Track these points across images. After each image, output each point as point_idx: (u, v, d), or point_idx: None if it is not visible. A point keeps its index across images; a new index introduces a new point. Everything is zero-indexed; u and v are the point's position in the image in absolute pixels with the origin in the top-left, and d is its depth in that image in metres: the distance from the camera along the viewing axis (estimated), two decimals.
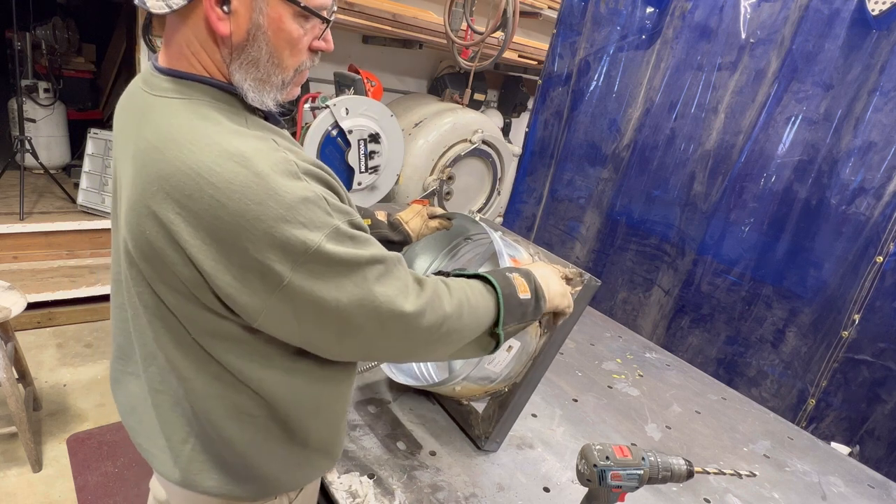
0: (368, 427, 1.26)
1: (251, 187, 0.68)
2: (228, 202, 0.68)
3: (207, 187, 0.68)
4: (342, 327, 0.77)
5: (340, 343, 0.80)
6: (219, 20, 0.75)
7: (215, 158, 0.70)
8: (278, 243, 0.69)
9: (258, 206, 0.68)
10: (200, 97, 0.78)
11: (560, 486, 1.19)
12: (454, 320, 0.87)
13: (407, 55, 4.38)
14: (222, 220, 0.69)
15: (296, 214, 0.69)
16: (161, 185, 0.71)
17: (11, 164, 3.63)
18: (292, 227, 0.69)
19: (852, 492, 1.40)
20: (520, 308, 0.98)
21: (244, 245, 0.69)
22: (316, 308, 0.74)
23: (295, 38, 0.80)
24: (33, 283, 3.18)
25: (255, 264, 0.70)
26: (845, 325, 1.90)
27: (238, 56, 0.78)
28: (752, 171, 2.19)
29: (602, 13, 2.68)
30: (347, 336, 0.79)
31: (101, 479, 2.25)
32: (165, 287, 0.77)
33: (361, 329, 0.78)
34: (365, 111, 3.04)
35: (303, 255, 0.70)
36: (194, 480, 0.88)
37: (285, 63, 0.81)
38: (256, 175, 0.69)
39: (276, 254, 0.69)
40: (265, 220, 0.68)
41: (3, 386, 2.07)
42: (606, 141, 2.72)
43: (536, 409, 1.46)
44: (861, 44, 1.93)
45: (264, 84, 0.81)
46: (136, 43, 3.39)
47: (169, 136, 0.73)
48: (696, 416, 1.61)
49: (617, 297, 2.68)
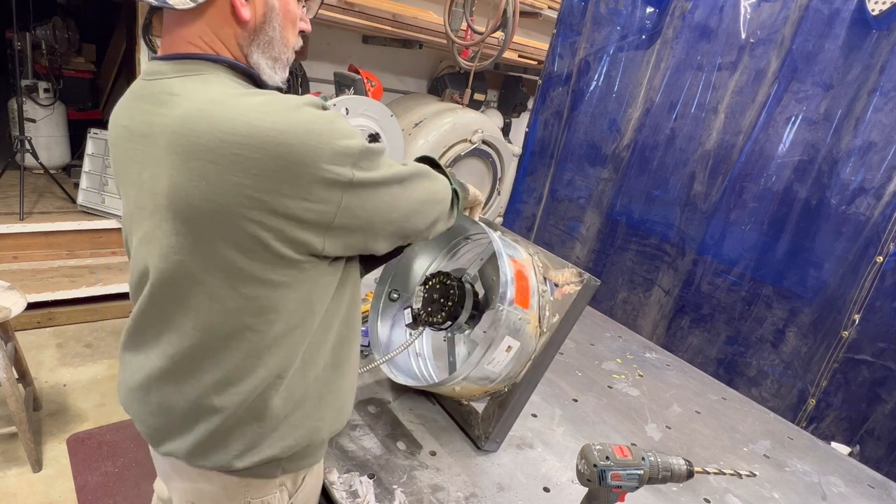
0: (368, 427, 1.26)
1: (309, 125, 0.76)
2: (296, 142, 0.74)
3: (261, 125, 0.74)
4: (404, 186, 0.90)
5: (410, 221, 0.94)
6: (241, 6, 0.83)
7: (256, 106, 0.76)
8: (337, 154, 0.77)
9: (318, 136, 0.76)
10: (215, 72, 0.84)
11: (560, 486, 1.19)
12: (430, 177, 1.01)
13: (407, 55, 4.38)
14: (280, 151, 0.74)
15: (339, 130, 0.78)
16: (213, 137, 0.74)
17: (11, 164, 3.63)
18: (342, 140, 0.78)
19: (852, 492, 1.40)
20: (460, 185, 1.15)
21: (307, 166, 0.76)
22: (381, 186, 0.85)
23: (296, 18, 0.91)
24: (33, 283, 3.18)
25: (319, 177, 0.77)
26: (845, 325, 1.90)
27: (257, 37, 0.87)
28: (752, 171, 2.19)
29: (602, 13, 2.68)
30: (412, 190, 0.92)
31: (101, 479, 2.25)
32: (224, 243, 0.78)
33: (416, 183, 0.93)
34: (365, 111, 3.04)
35: (356, 156, 0.80)
36: (209, 456, 0.89)
37: (289, 41, 0.92)
38: (296, 107, 0.77)
39: (334, 160, 0.77)
40: (321, 140, 0.76)
41: (3, 386, 2.07)
42: (606, 141, 2.72)
43: (536, 409, 1.46)
44: (861, 44, 1.93)
45: (276, 62, 0.91)
46: (136, 43, 3.39)
47: (207, 101, 0.78)
48: (696, 416, 1.61)
49: (617, 297, 2.68)
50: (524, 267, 1.25)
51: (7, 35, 4.12)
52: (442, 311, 1.28)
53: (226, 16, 0.83)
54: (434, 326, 1.30)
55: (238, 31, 0.85)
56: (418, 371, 1.48)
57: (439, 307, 1.28)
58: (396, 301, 1.49)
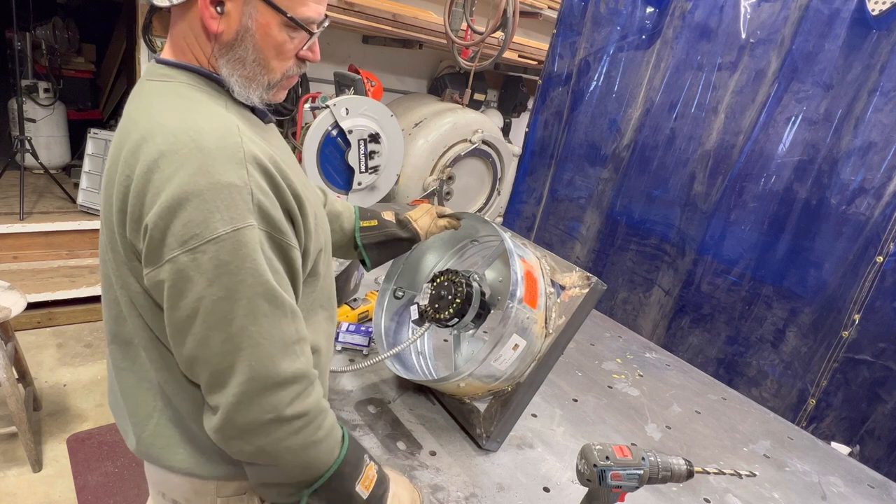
0: (368, 427, 1.26)
1: (189, 158, 0.72)
2: (166, 166, 0.72)
3: (155, 151, 0.73)
4: (190, 335, 0.74)
5: (178, 347, 0.76)
6: (211, 18, 0.81)
7: (173, 128, 0.75)
8: (185, 217, 0.71)
9: (186, 177, 0.71)
10: (183, 79, 0.84)
11: (560, 486, 1.19)
12: (286, 426, 0.77)
13: (407, 55, 4.38)
14: (152, 182, 0.73)
15: (216, 196, 0.71)
16: (125, 148, 0.77)
17: (11, 164, 3.64)
18: (205, 205, 0.71)
19: (852, 492, 1.40)
20: (345, 495, 0.87)
21: (159, 207, 0.72)
22: (180, 299, 0.72)
23: (281, 45, 0.85)
24: (33, 283, 3.18)
25: (160, 227, 0.72)
26: (845, 325, 1.90)
27: (226, 53, 0.84)
28: (752, 171, 2.19)
29: (602, 13, 2.68)
30: (184, 345, 0.75)
31: (101, 479, 2.25)
32: (121, 254, 0.80)
33: (207, 358, 0.74)
34: (365, 111, 3.04)
35: (196, 239, 0.71)
36: (160, 455, 0.89)
37: (272, 66, 0.86)
38: (199, 149, 0.72)
39: (177, 226, 0.71)
40: (185, 190, 0.71)
41: (3, 386, 2.07)
42: (606, 141, 2.72)
43: (536, 409, 1.46)
44: (861, 44, 1.93)
45: (250, 82, 0.86)
46: (136, 43, 3.39)
47: (146, 108, 0.81)
48: (696, 416, 1.61)
49: (617, 297, 2.68)
50: (533, 268, 1.26)
51: (7, 35, 4.12)
52: (449, 307, 1.28)
53: (198, 24, 0.82)
54: (440, 323, 1.30)
55: (210, 41, 0.84)
56: (420, 369, 1.48)
57: (447, 304, 1.28)
58: (401, 299, 1.50)
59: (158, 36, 3.26)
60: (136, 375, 0.89)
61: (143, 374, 0.88)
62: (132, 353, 0.89)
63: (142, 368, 0.88)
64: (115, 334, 0.90)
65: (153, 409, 0.89)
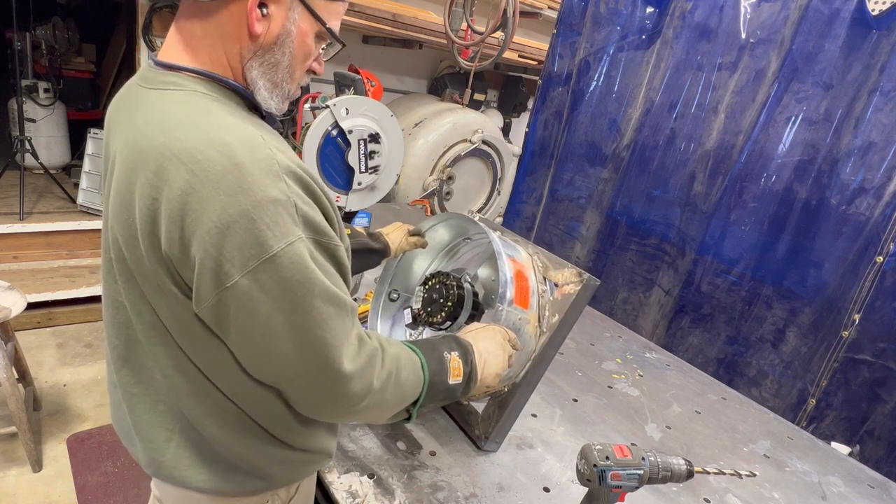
0: (368, 427, 1.26)
1: (226, 177, 0.69)
2: (201, 188, 0.68)
3: (185, 171, 0.69)
4: (270, 353, 0.76)
5: (257, 366, 0.79)
6: (257, 20, 0.79)
7: (197, 144, 0.71)
8: (237, 240, 0.69)
9: (227, 198, 0.68)
10: (197, 88, 0.80)
11: (560, 486, 1.19)
12: (377, 394, 0.85)
13: (407, 55, 4.38)
14: (190, 206, 0.69)
15: (262, 213, 0.69)
16: (145, 168, 0.72)
17: (11, 164, 3.63)
18: (253, 225, 0.69)
19: (852, 492, 1.40)
20: (445, 392, 0.99)
21: (206, 233, 0.69)
22: (251, 321, 0.73)
23: (309, 54, 0.86)
24: (33, 283, 3.18)
25: (212, 254, 0.70)
26: (845, 325, 1.90)
27: (261, 56, 0.82)
28: (752, 171, 2.19)
29: (602, 13, 2.68)
30: (265, 364, 0.78)
31: (101, 479, 2.25)
32: (145, 279, 0.77)
33: (284, 363, 0.76)
34: (365, 111, 3.04)
35: (254, 260, 0.70)
36: (183, 476, 0.88)
37: (296, 74, 0.87)
38: (235, 165, 0.69)
39: (231, 251, 0.69)
40: (230, 212, 0.68)
41: (3, 386, 2.07)
42: (606, 141, 2.72)
43: (536, 409, 1.46)
44: (861, 44, 1.93)
45: (276, 88, 0.85)
46: (136, 43, 3.39)
47: (158, 122, 0.75)
48: (696, 416, 1.61)
49: (617, 297, 2.68)
50: (524, 267, 1.25)
51: (7, 35, 4.12)
52: (441, 311, 1.28)
53: (237, 24, 0.79)
54: (434, 326, 1.30)
55: (245, 42, 0.81)
56: None
57: (439, 307, 1.28)
58: (396, 301, 1.49)
59: (158, 36, 3.26)
60: (151, 399, 0.87)
61: (159, 397, 0.86)
62: (146, 377, 0.86)
63: (157, 391, 0.86)
64: (126, 358, 0.87)
65: (172, 431, 0.87)
